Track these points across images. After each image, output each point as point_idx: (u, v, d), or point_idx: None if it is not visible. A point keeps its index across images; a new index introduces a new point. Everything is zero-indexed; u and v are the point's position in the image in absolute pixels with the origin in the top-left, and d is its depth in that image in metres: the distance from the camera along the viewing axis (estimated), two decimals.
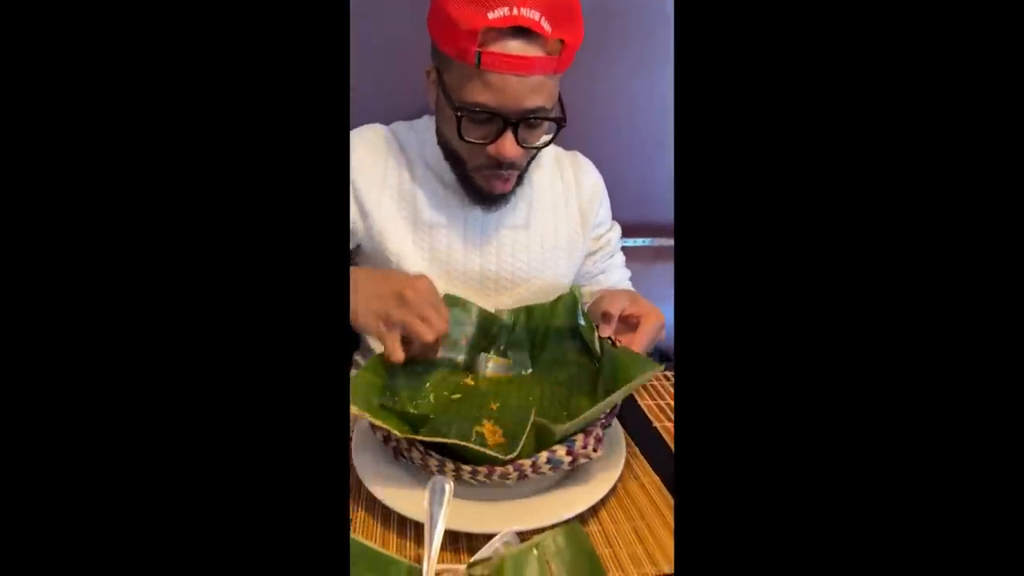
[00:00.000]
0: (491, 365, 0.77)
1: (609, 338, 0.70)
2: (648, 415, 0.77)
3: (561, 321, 0.78)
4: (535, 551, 0.46)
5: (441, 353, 0.71)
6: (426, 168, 0.82)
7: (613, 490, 0.61)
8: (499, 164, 0.72)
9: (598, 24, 0.97)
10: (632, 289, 0.95)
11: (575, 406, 0.68)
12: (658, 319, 0.72)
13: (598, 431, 0.59)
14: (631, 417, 0.75)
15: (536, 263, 0.86)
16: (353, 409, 0.55)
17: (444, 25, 0.66)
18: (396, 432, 0.56)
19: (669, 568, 0.53)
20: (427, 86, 0.76)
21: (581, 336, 0.76)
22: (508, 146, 0.70)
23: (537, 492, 0.59)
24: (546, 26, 0.64)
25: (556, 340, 0.78)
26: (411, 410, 0.65)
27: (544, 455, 0.56)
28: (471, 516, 0.54)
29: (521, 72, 0.65)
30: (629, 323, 0.72)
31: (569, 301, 0.78)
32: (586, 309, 0.79)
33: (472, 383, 0.74)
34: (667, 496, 0.63)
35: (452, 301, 0.76)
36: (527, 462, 0.56)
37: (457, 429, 0.61)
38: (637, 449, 0.69)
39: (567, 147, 0.94)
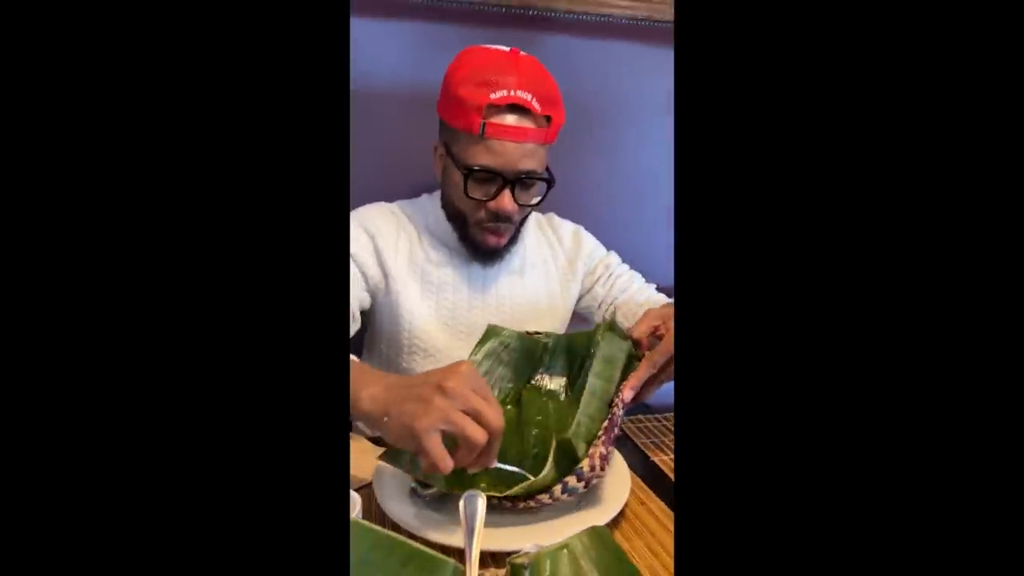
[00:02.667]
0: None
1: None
2: (645, 451, 0.82)
3: (602, 347, 0.75)
4: (566, 550, 0.50)
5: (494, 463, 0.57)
6: (431, 236, 0.96)
7: (622, 514, 0.66)
8: (497, 217, 0.86)
9: (598, 103, 1.15)
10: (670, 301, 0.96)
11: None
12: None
13: (602, 449, 0.64)
14: (632, 458, 0.80)
15: (532, 306, 0.99)
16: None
17: (453, 105, 0.83)
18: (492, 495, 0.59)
19: None
20: (434, 160, 0.92)
21: (625, 361, 0.75)
22: (506, 202, 0.84)
23: (553, 515, 0.65)
24: (536, 105, 0.82)
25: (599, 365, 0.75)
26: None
27: (559, 488, 0.62)
28: (492, 537, 0.58)
29: (517, 139, 0.82)
30: (657, 336, 0.77)
31: (611, 322, 0.80)
32: (624, 328, 0.83)
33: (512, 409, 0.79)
34: (673, 517, 0.67)
35: (494, 332, 0.81)
36: (544, 496, 0.62)
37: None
38: (640, 481, 0.74)
39: (574, 220, 1.08)
